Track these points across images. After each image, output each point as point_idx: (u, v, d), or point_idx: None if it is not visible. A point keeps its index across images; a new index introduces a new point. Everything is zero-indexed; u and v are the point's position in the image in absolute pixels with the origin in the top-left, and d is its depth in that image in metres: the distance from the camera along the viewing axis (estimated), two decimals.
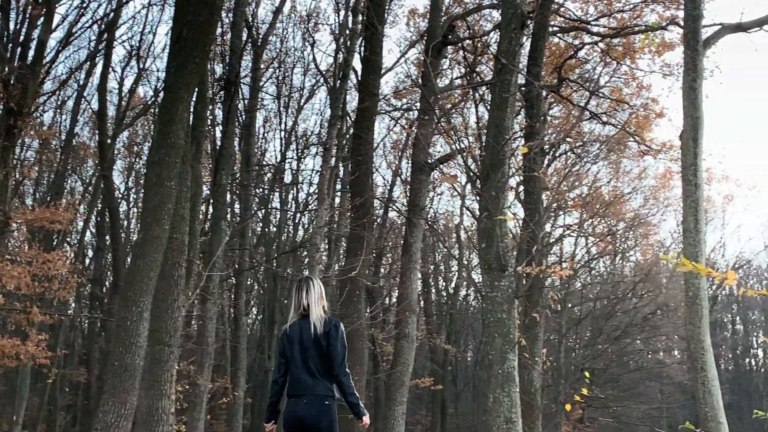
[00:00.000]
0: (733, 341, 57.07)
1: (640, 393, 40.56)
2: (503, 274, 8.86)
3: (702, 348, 12.70)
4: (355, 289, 16.69)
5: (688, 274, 13.07)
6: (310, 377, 6.09)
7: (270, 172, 30.92)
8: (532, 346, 14.40)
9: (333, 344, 6.09)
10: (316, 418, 6.01)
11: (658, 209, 37.61)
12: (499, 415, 8.28)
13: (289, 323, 6.27)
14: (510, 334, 8.61)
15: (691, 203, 13.12)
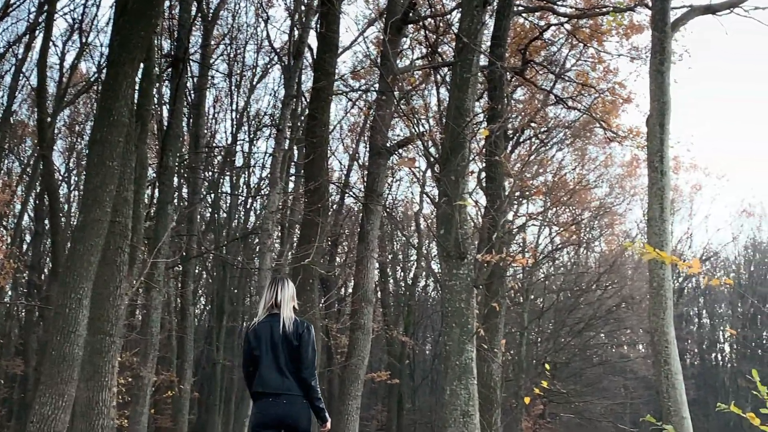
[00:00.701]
0: (699, 335, 57.98)
1: (604, 388, 41.05)
2: (462, 262, 8.91)
3: (666, 341, 12.89)
4: (309, 278, 16.65)
5: (652, 264, 13.26)
6: (279, 376, 6.29)
7: (220, 155, 30.73)
8: (492, 338, 14.52)
9: (304, 347, 6.31)
10: (297, 418, 6.27)
11: (624, 198, 38.11)
12: (456, 409, 8.34)
13: (258, 321, 6.45)
14: (468, 324, 8.67)
15: (656, 191, 13.29)
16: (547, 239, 37.87)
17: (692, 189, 50.36)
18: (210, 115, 31.17)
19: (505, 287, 15.21)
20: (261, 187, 31.33)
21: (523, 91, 26.98)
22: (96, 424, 11.39)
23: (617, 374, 42.14)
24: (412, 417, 42.20)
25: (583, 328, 37.24)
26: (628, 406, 43.01)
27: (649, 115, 13.61)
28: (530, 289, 35.99)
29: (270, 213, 14.27)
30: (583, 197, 33.93)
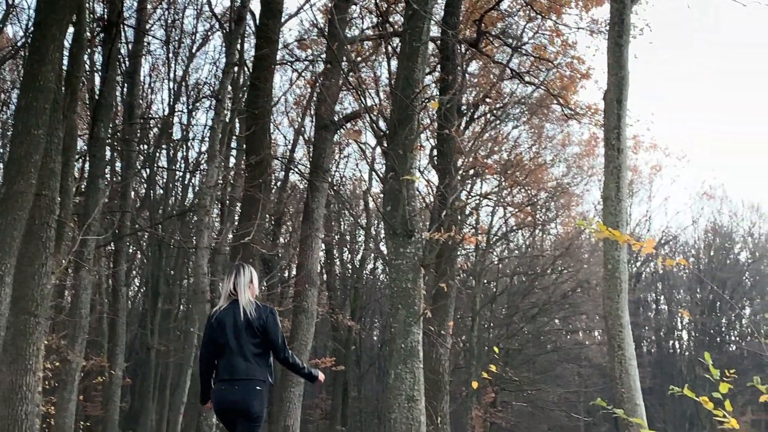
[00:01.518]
0: (656, 322, 58.81)
1: (557, 376, 41.56)
2: (409, 240, 8.95)
3: (620, 325, 13.08)
4: (249, 257, 16.58)
5: (607, 246, 13.43)
6: (243, 362, 6.69)
7: (156, 127, 30.37)
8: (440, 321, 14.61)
9: (272, 332, 6.74)
10: (248, 403, 6.67)
11: (582, 178, 38.45)
12: (401, 393, 8.40)
13: (220, 308, 6.87)
14: (415, 306, 8.72)
15: (613, 169, 13.45)
16: (501, 220, 38.13)
17: (652, 170, 51.06)
18: (146, 84, 30.81)
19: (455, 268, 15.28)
20: (200, 161, 31.06)
21: (478, 64, 27.07)
22: (20, 410, 11.27)
23: (571, 361, 42.63)
24: (357, 405, 42.35)
25: (537, 314, 37.67)
26: (582, 395, 43.61)
27: (606, 90, 13.74)
28: (483, 273, 36.25)
29: (208, 188, 14.16)
30: (539, 177, 34.17)
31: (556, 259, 37.51)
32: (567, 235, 39.70)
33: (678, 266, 58.53)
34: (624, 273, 13.27)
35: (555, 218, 39.56)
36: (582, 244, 39.27)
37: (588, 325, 42.42)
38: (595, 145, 36.46)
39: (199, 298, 13.09)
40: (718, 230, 57.96)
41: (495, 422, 36.20)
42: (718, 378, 6.35)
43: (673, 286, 58.66)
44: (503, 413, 37.32)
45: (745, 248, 58.71)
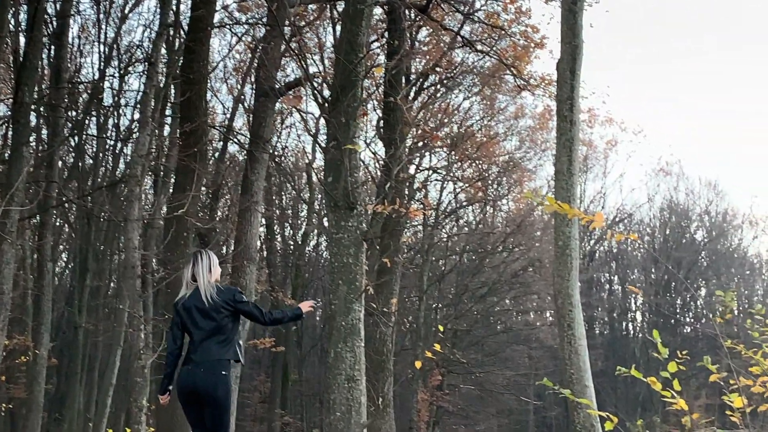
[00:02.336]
0: (609, 302, 59.49)
1: (507, 358, 41.94)
2: (351, 213, 8.95)
3: (570, 304, 13.23)
4: (183, 231, 16.50)
5: (558, 222, 13.56)
6: (207, 345, 7.15)
7: (86, 92, 29.91)
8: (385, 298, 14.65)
9: (246, 309, 7.26)
10: (213, 388, 7.08)
11: (535, 153, 38.66)
12: (341, 373, 8.43)
13: (185, 294, 7.38)
14: (356, 282, 8.74)
15: (565, 142, 13.55)
16: (450, 196, 38.24)
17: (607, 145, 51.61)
18: (74, 46, 30.25)
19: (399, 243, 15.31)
20: (132, 130, 30.66)
21: (428, 31, 27.03)
22: None
23: (522, 343, 43.06)
24: (298, 388, 42.37)
25: (487, 293, 37.95)
26: (533, 378, 44.07)
27: (559, 59, 13.82)
28: (431, 250, 36.38)
29: (139, 157, 14.00)
30: (490, 151, 34.29)
31: (507, 237, 37.74)
32: (519, 212, 39.95)
33: (632, 245, 59.30)
34: (575, 250, 13.41)
35: (507, 194, 39.77)
36: (534, 222, 39.59)
37: (539, 305, 42.78)
38: (548, 119, 36.61)
39: (129, 273, 12.97)
40: (674, 208, 58.76)
41: (441, 406, 36.46)
42: (667, 357, 6.47)
43: (627, 266, 59.37)
44: (450, 396, 37.60)
45: (701, 227, 59.59)
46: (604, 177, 59.09)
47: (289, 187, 42.23)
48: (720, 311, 6.90)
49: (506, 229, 38.80)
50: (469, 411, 41.79)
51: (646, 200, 62.27)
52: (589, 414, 12.73)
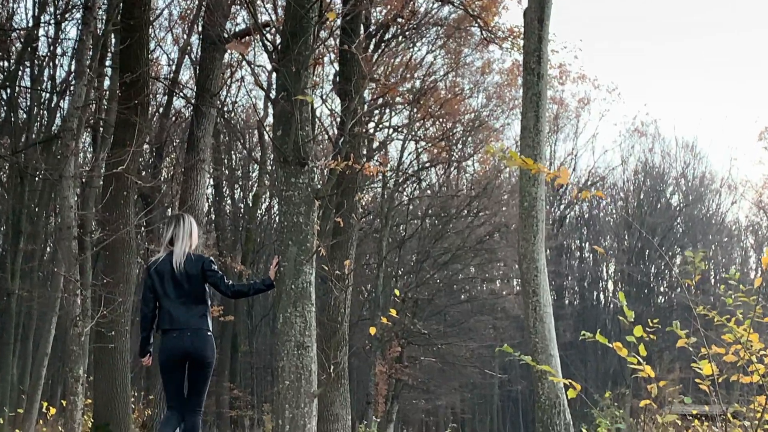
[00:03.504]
0: (580, 271, 59.98)
1: (470, 329, 42.11)
2: (302, 169, 8.92)
3: (535, 269, 13.34)
4: (123, 189, 16.40)
5: (523, 182, 13.64)
6: (185, 311, 7.75)
7: (19, 41, 29.51)
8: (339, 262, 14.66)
9: (212, 274, 7.83)
10: (203, 350, 7.76)
11: (503, 111, 38.68)
12: (290, 339, 8.44)
13: (158, 258, 7.89)
14: (307, 242, 8.72)
15: (532, 96, 13.60)
16: (412, 156, 38.25)
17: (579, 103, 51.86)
18: None
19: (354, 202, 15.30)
20: (69, 82, 30.31)
21: None
22: None
23: (486, 313, 43.22)
24: (248, 360, 42.43)
25: (450, 260, 38.07)
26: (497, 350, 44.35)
27: (526, 8, 13.83)
28: (390, 214, 36.40)
29: (75, 110, 13.83)
30: (455, 108, 34.20)
31: (472, 200, 37.82)
32: (485, 174, 39.96)
33: (605, 211, 59.78)
34: (541, 212, 13.51)
35: (472, 155, 39.73)
36: (501, 184, 39.71)
37: (505, 273, 42.99)
38: (517, 75, 36.54)
39: (65, 234, 12.86)
40: (649, 171, 59.19)
41: (401, 379, 36.62)
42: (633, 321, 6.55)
43: (599, 233, 59.84)
44: (410, 369, 37.77)
45: (677, 191, 60.12)
46: (575, 137, 59.36)
47: (240, 146, 42.05)
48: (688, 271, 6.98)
49: (471, 192, 38.85)
50: (430, 385, 42.04)
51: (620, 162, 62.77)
52: (554, 384, 12.90)
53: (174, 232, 7.89)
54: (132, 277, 17.31)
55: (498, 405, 56.29)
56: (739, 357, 7.25)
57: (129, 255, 16.99)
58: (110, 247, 16.77)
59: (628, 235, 57.73)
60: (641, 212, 56.60)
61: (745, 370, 7.30)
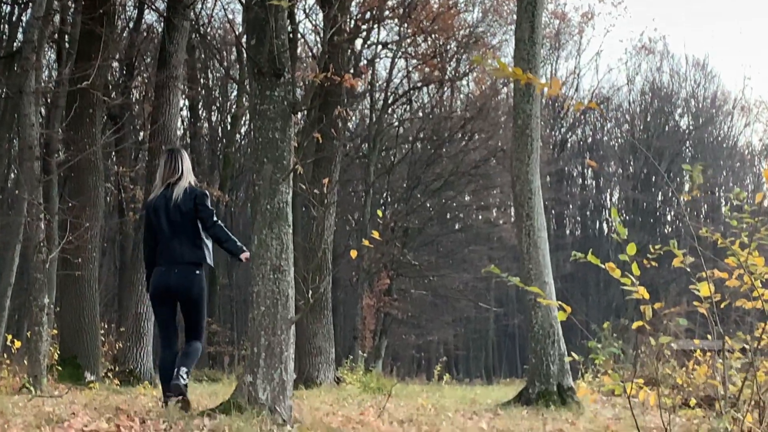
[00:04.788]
0: (582, 198, 59.92)
1: (464, 260, 42.27)
2: (278, 81, 8.86)
3: (529, 191, 13.37)
4: (89, 106, 16.33)
5: (517, 98, 13.62)
6: (178, 246, 8.40)
7: None
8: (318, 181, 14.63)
9: (202, 208, 8.48)
10: (188, 287, 8.43)
11: (500, 26, 38.36)
12: (265, 263, 8.45)
13: (155, 194, 8.57)
14: (283, 160, 8.70)
15: (527, 6, 13.52)
16: (402, 74, 38.06)
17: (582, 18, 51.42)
18: None
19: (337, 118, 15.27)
20: None
21: None
22: None
23: (481, 243, 43.33)
24: (228, 293, 42.62)
25: (442, 187, 38.04)
26: (493, 282, 44.51)
27: None
28: (379, 137, 36.34)
29: (36, 20, 13.71)
30: (448, 23, 33.96)
31: (466, 122, 37.73)
32: (480, 94, 39.83)
33: (609, 134, 59.67)
34: (536, 130, 13.50)
35: (467, 74, 39.50)
36: (498, 105, 39.53)
37: (502, 201, 42.99)
38: None
39: (27, 155, 12.81)
40: (657, 92, 58.97)
41: (389, 313, 36.84)
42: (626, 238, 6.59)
43: (603, 158, 59.69)
44: (400, 302, 37.95)
45: (687, 113, 59.94)
46: (578, 55, 59.21)
47: (216, 64, 41.77)
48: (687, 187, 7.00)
49: (466, 113, 38.75)
50: (421, 319, 42.28)
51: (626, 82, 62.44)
52: (548, 313, 12.99)
53: (172, 167, 8.59)
54: (99, 200, 17.30)
55: (493, 340, 56.67)
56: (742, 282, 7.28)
57: (96, 177, 16.95)
58: (76, 169, 16.73)
59: (634, 159, 57.70)
60: (648, 135, 56.48)
61: (749, 297, 7.32)
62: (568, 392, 12.90)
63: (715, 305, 6.90)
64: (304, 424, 8.13)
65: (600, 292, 55.40)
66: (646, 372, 15.58)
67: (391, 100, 37.74)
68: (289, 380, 8.44)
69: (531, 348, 13.41)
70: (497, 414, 11.79)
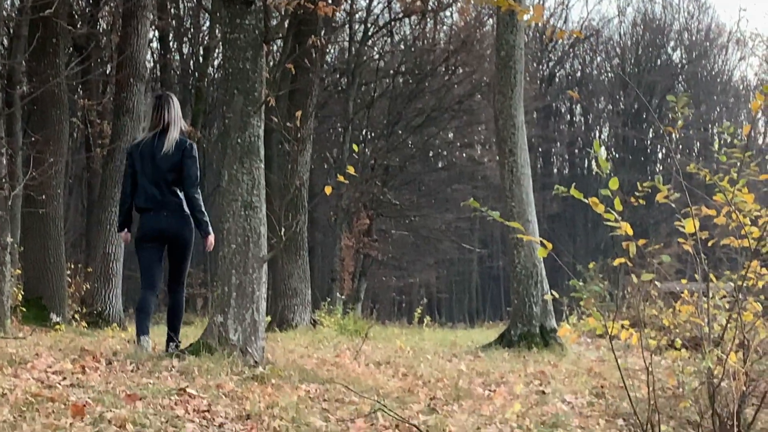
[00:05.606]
0: (570, 136, 60.00)
1: (447, 199, 42.26)
2: (248, 9, 8.83)
3: (512, 125, 13.40)
4: (52, 36, 16.19)
5: (501, 29, 13.60)
6: (159, 192, 8.72)
7: None
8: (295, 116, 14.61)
9: (189, 164, 8.75)
10: (180, 229, 8.85)
11: None
12: (236, 199, 8.48)
13: (141, 138, 9.02)
14: (255, 91, 8.69)
15: None
16: (382, 3, 37.81)
17: None
18: None
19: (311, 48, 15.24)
20: None
21: None
22: None
23: (465, 182, 43.28)
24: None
25: (425, 123, 37.96)
26: (477, 222, 44.65)
27: None
28: (358, 71, 36.20)
29: None
30: None
31: (450, 55, 37.55)
32: (465, 26, 39.59)
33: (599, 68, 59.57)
34: (519, 62, 13.50)
35: (450, 4, 39.24)
36: (483, 37, 39.30)
37: (486, 138, 42.89)
38: None
39: None
40: (649, 24, 58.82)
41: (369, 254, 36.93)
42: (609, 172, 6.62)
43: (592, 93, 59.69)
44: (380, 243, 38.02)
45: (679, 46, 59.85)
46: None
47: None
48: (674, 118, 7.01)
49: (449, 46, 38.54)
50: (402, 260, 42.43)
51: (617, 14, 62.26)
52: (531, 252, 13.09)
53: (159, 115, 8.81)
54: (64, 135, 17.22)
55: (477, 283, 56.94)
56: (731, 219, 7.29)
57: (60, 111, 16.84)
58: (39, 102, 16.64)
59: (624, 95, 57.67)
60: (639, 70, 56.42)
61: (737, 236, 7.35)
62: (551, 334, 13.05)
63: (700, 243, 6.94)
64: (276, 366, 8.19)
65: (588, 233, 55.68)
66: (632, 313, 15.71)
67: (371, 32, 37.57)
68: (261, 321, 8.51)
69: (513, 288, 13.52)
70: (477, 356, 11.92)
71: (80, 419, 5.36)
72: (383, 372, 9.19)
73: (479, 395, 8.08)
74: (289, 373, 7.88)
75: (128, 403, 5.97)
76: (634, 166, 53.84)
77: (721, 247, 7.82)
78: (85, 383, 6.61)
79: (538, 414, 7.33)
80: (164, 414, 5.78)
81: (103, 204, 18.47)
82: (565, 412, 7.46)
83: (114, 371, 7.34)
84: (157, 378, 7.07)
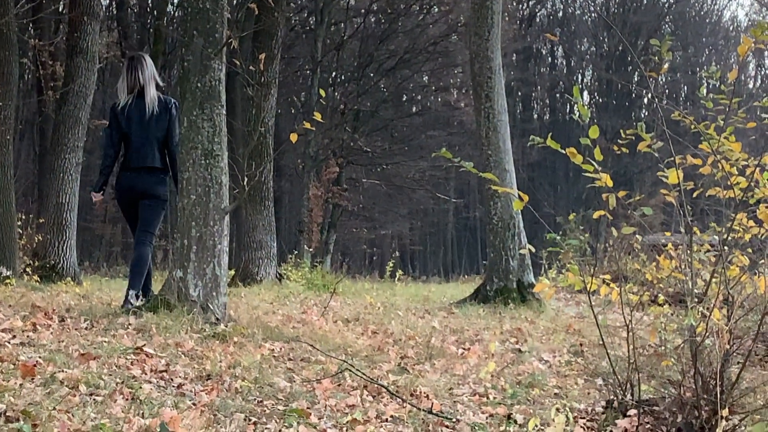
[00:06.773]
0: (551, 79, 59.97)
1: (421, 146, 42.18)
2: None
3: (489, 69, 13.39)
4: None
5: None
6: (149, 152, 9.22)
7: None
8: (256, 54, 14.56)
9: (173, 123, 9.24)
10: (152, 186, 9.29)
11: None
12: (196, 147, 8.43)
13: (124, 101, 9.26)
14: (215, 33, 8.62)
15: None
16: None
17: None
18: None
19: None
20: None
21: None
22: None
23: (440, 128, 43.23)
24: None
25: (397, 65, 37.88)
26: (453, 171, 44.59)
27: None
28: (327, 10, 36.01)
29: None
30: None
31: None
32: None
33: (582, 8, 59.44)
34: (497, 1, 13.46)
35: None
36: None
37: (463, 81, 42.85)
38: None
39: None
40: None
41: (339, 204, 36.95)
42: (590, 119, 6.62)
43: (574, 34, 59.58)
44: (350, 193, 38.06)
45: None
46: None
47: None
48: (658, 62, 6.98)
49: None
50: (373, 211, 42.46)
51: None
52: (509, 203, 13.11)
53: (141, 76, 9.24)
54: (13, 77, 17.01)
55: (452, 234, 57.05)
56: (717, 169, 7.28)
57: (9, 52, 16.63)
58: None
59: (608, 36, 57.56)
60: (624, 10, 56.26)
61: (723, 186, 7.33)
62: (528, 289, 13.09)
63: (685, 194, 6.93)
64: (239, 323, 8.20)
65: (570, 183, 55.76)
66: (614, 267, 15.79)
67: None
68: (223, 275, 8.50)
69: (489, 241, 13.56)
70: (451, 312, 11.97)
71: (30, 380, 5.34)
72: (352, 329, 9.22)
73: (452, 354, 8.11)
74: (252, 330, 7.90)
75: (82, 362, 5.95)
76: (618, 112, 53.92)
77: (706, 198, 7.83)
78: (36, 342, 6.58)
79: (514, 373, 7.38)
80: (120, 374, 5.75)
81: (57, 150, 18.29)
82: (541, 371, 7.51)
83: (67, 329, 7.32)
84: (112, 336, 7.04)
